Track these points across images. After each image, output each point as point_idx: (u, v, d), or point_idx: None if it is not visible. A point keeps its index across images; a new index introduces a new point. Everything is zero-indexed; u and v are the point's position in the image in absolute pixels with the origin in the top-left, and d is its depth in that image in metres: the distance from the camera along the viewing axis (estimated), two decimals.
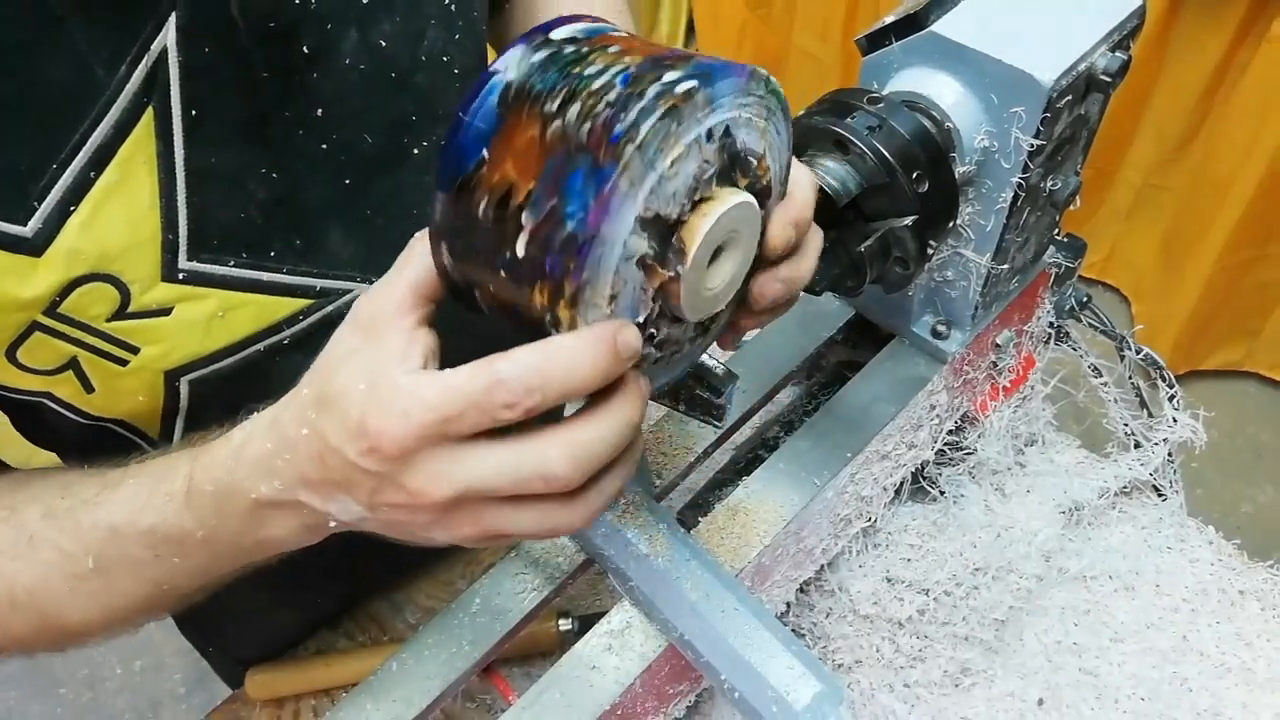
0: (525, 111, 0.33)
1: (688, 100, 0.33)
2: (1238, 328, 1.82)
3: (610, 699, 0.52)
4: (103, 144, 0.42)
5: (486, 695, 0.76)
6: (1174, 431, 0.75)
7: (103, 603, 0.46)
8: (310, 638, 0.84)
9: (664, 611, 0.52)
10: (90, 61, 0.41)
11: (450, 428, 0.34)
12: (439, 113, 0.55)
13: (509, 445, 0.34)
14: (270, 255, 0.51)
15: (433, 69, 0.54)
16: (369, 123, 0.52)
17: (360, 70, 0.50)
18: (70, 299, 0.44)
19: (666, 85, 0.33)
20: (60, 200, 0.42)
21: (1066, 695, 0.70)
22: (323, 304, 0.55)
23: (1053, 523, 0.73)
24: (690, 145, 0.34)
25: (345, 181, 0.53)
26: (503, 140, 0.34)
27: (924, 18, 0.51)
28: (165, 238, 0.46)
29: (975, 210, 0.55)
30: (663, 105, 0.32)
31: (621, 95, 0.32)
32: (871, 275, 0.52)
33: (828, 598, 0.70)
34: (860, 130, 0.48)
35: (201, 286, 0.49)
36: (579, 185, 0.32)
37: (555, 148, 0.33)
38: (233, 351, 0.52)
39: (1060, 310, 0.72)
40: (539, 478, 0.34)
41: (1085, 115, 0.55)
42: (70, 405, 0.50)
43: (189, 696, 1.71)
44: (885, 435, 0.62)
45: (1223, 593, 0.74)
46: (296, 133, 0.49)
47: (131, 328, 0.48)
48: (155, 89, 0.43)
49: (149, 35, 0.42)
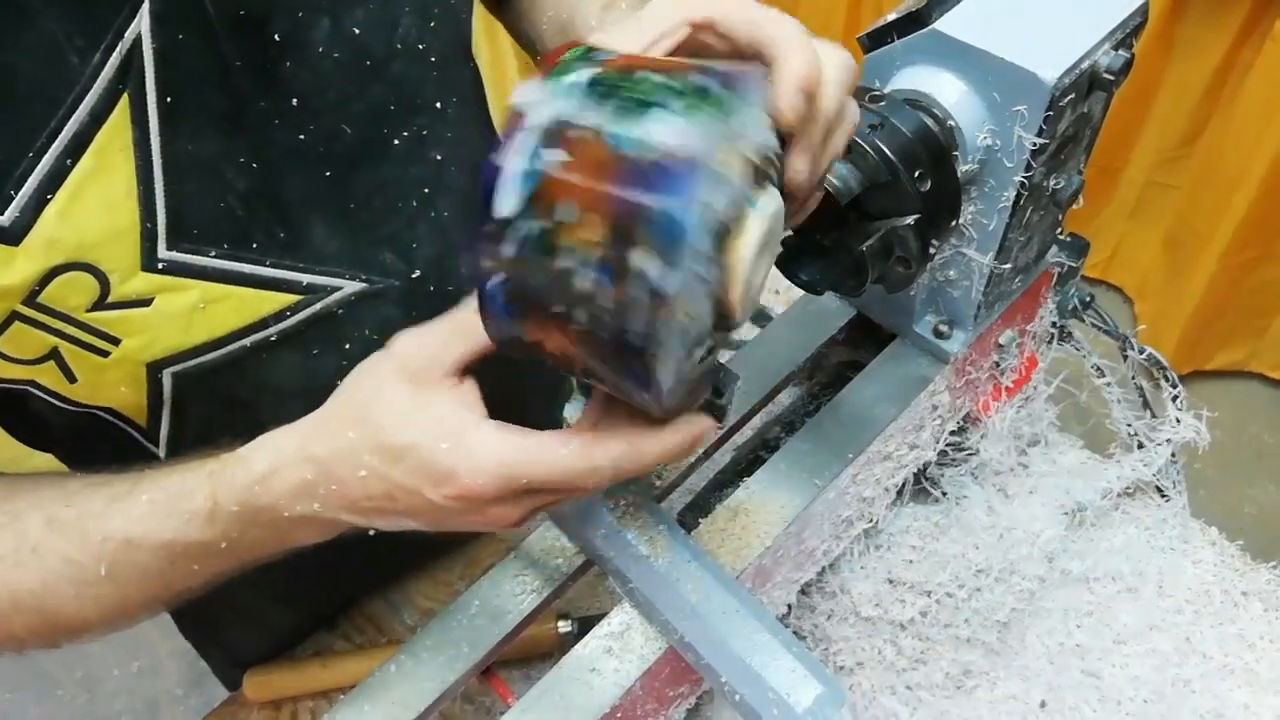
0: (538, 314, 0.34)
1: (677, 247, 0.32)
2: (1242, 328, 1.82)
3: (610, 701, 0.52)
4: (79, 131, 0.43)
5: (485, 697, 0.76)
6: (1177, 432, 0.75)
7: (107, 604, 0.47)
8: (308, 639, 0.84)
9: (664, 613, 0.51)
10: (64, 49, 0.41)
11: (537, 488, 0.39)
12: (417, 102, 0.55)
13: (571, 465, 0.38)
14: (252, 247, 0.51)
15: (409, 57, 0.54)
16: (346, 113, 0.52)
17: (334, 59, 0.50)
18: (50, 288, 0.45)
19: (647, 280, 0.32)
20: (37, 189, 0.42)
21: (1069, 697, 0.69)
22: (310, 300, 0.55)
23: (1055, 524, 0.73)
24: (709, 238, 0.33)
25: (326, 173, 0.53)
26: (535, 331, 0.35)
27: (926, 15, 0.51)
28: (144, 226, 0.46)
29: (978, 209, 0.55)
30: (659, 305, 0.32)
31: (614, 302, 0.33)
32: (873, 275, 0.52)
33: (829, 599, 0.70)
34: (862, 128, 0.48)
35: (182, 277, 0.49)
36: (633, 371, 0.35)
37: (591, 343, 0.34)
38: (216, 346, 0.52)
39: (1063, 310, 0.72)
40: (589, 488, 0.39)
41: (1088, 114, 0.54)
42: (54, 393, 0.50)
43: (186, 698, 1.71)
44: (887, 436, 0.61)
45: (1226, 594, 0.74)
46: (273, 122, 0.49)
47: (112, 318, 0.48)
48: (130, 76, 0.43)
49: (123, 22, 0.42)
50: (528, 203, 0.32)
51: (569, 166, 0.32)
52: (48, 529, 0.45)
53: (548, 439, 0.38)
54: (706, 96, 0.33)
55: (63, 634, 0.49)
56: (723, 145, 0.32)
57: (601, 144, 0.32)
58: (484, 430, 0.38)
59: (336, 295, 0.55)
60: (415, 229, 0.58)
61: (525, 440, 0.38)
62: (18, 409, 0.54)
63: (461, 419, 0.38)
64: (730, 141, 0.33)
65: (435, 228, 0.59)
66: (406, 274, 0.58)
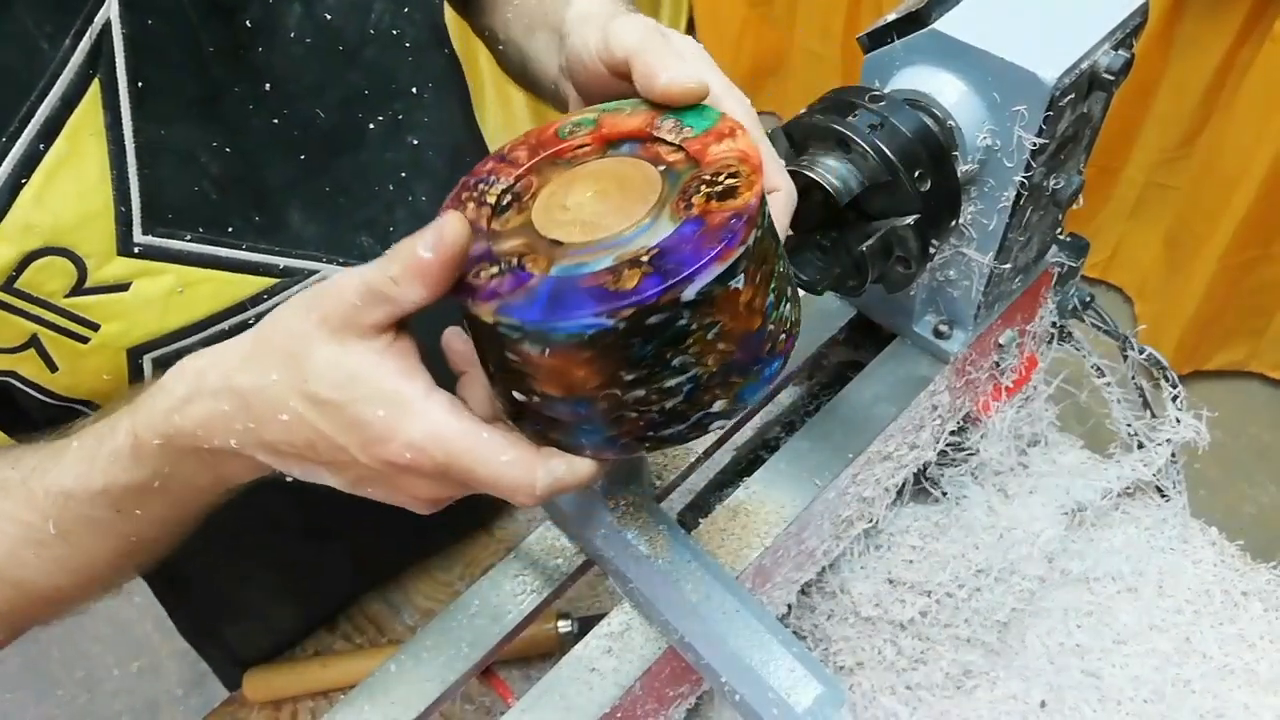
0: (597, 362, 0.34)
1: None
2: (1242, 328, 1.82)
3: (610, 701, 0.52)
4: (50, 116, 0.43)
5: (485, 697, 0.76)
6: (1177, 432, 0.75)
7: (72, 565, 0.46)
8: (308, 639, 0.84)
9: (664, 613, 0.51)
10: (35, 36, 0.42)
11: (468, 481, 0.37)
12: (392, 87, 0.56)
13: (509, 474, 0.36)
14: (229, 231, 0.51)
15: (382, 42, 0.54)
16: (321, 98, 0.52)
17: (307, 44, 0.50)
18: (26, 274, 0.45)
19: (711, 414, 0.36)
20: (11, 173, 0.43)
21: (1069, 697, 0.69)
22: (288, 284, 0.55)
23: (1055, 524, 0.73)
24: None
25: (301, 157, 0.53)
26: (566, 361, 0.35)
27: (926, 15, 0.51)
28: (118, 210, 0.47)
29: (978, 209, 0.55)
30: (697, 433, 0.37)
31: (672, 412, 0.36)
32: (873, 275, 0.52)
33: (829, 599, 0.70)
34: (862, 129, 0.48)
35: (158, 261, 0.49)
36: (609, 442, 0.37)
37: (603, 408, 0.35)
38: (195, 330, 0.52)
39: (1063, 310, 0.72)
40: (519, 500, 0.37)
41: (1088, 114, 0.54)
42: (36, 384, 0.51)
43: (186, 699, 1.71)
44: (887, 436, 0.61)
45: (1226, 594, 0.74)
46: (247, 108, 0.50)
47: (90, 304, 0.48)
48: (101, 61, 0.44)
49: (92, 8, 0.43)
50: (700, 296, 0.33)
51: (740, 298, 0.34)
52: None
53: (493, 440, 0.36)
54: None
55: (41, 606, 0.48)
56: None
57: (762, 302, 0.35)
58: (433, 404, 0.36)
59: (314, 278, 0.56)
60: (393, 213, 0.58)
61: (472, 430, 0.36)
62: (1, 404, 0.54)
63: (401, 386, 0.36)
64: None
65: (412, 211, 0.59)
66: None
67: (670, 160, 0.38)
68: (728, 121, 0.38)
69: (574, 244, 0.35)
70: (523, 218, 0.37)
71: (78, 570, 0.46)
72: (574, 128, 0.40)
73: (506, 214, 0.38)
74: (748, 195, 0.34)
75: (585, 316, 0.31)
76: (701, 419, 0.36)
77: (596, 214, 0.36)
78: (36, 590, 0.47)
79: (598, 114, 0.41)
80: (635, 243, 0.34)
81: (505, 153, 0.40)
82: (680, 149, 0.38)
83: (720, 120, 0.38)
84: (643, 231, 0.34)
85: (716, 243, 0.32)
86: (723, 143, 0.37)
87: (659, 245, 0.33)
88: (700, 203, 0.34)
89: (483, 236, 0.37)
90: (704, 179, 0.35)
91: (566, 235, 0.35)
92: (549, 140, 0.40)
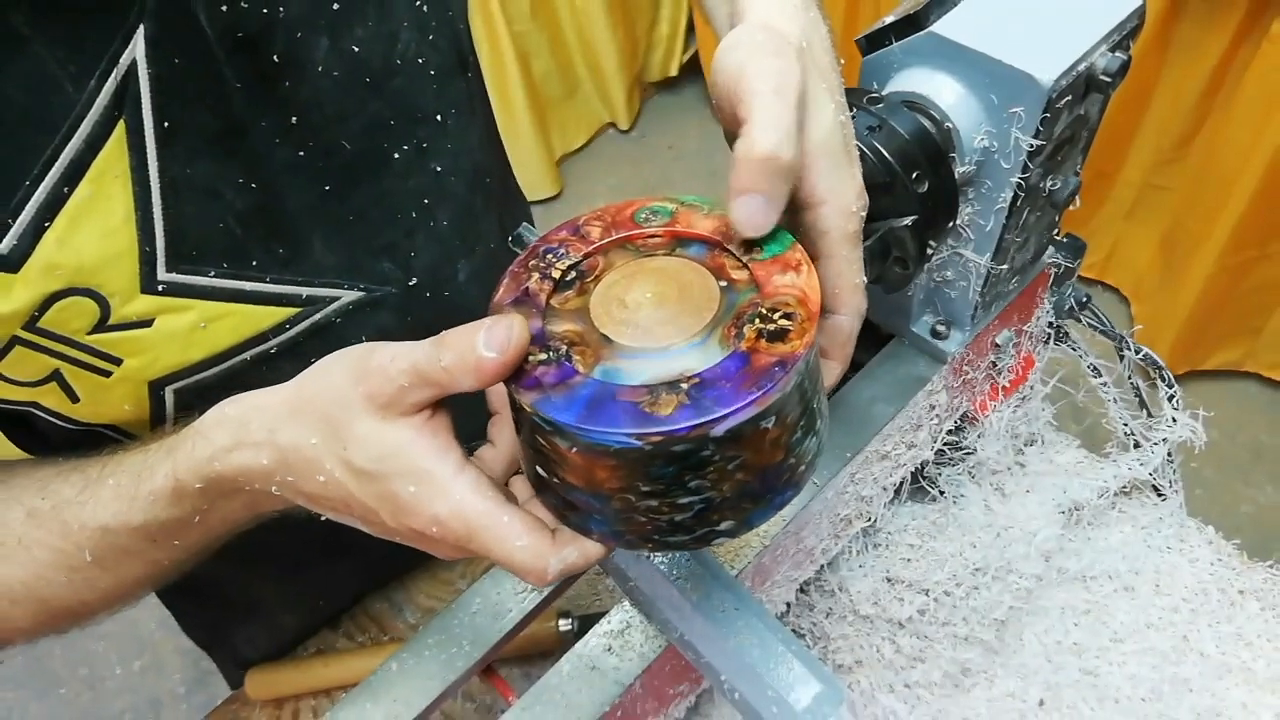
0: (620, 471, 0.35)
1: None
2: (1238, 328, 1.82)
3: (610, 699, 0.52)
4: (75, 159, 0.42)
5: (486, 696, 0.76)
6: (1173, 431, 0.75)
7: (102, 587, 0.47)
8: (311, 637, 0.84)
9: (664, 611, 0.52)
10: (59, 77, 0.41)
11: (486, 555, 0.39)
12: (417, 115, 0.55)
13: (523, 559, 0.38)
14: (252, 265, 0.51)
15: (408, 71, 0.53)
16: (346, 128, 0.52)
17: (334, 76, 0.50)
18: (50, 313, 0.44)
19: (718, 532, 0.37)
20: (35, 216, 0.42)
21: (1066, 695, 0.70)
22: (309, 312, 0.55)
23: (1052, 523, 0.73)
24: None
25: (325, 188, 0.52)
26: (591, 464, 0.36)
27: (923, 18, 0.51)
28: (142, 250, 0.46)
29: (975, 210, 0.55)
30: (698, 546, 0.38)
31: (681, 528, 0.37)
32: (871, 275, 0.52)
33: (828, 598, 0.70)
34: (860, 130, 0.48)
35: (182, 298, 0.49)
36: (615, 535, 0.39)
37: (614, 510, 0.37)
38: (217, 361, 0.52)
39: (1060, 310, 0.72)
40: (530, 580, 0.39)
41: (1085, 115, 0.55)
42: (58, 414, 0.51)
43: (189, 696, 1.71)
44: (885, 435, 0.62)
45: (1222, 593, 0.74)
46: (272, 141, 0.49)
47: (113, 340, 0.48)
48: (126, 102, 0.43)
49: (117, 49, 0.42)
50: (728, 433, 0.33)
51: (768, 436, 0.34)
52: (29, 521, 0.45)
53: (513, 524, 0.37)
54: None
55: (65, 620, 0.49)
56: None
57: (789, 439, 0.36)
58: (460, 483, 0.37)
59: (335, 305, 0.55)
60: (414, 238, 0.58)
61: (494, 512, 0.37)
62: (19, 425, 0.54)
63: (433, 465, 0.37)
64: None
65: (433, 236, 0.59)
66: (404, 281, 0.58)
67: (734, 277, 0.38)
68: (797, 252, 0.38)
69: (623, 346, 0.35)
70: (581, 300, 0.38)
71: (107, 591, 0.47)
72: (650, 215, 0.40)
73: (567, 292, 0.38)
74: (797, 345, 0.34)
75: (617, 433, 0.32)
76: (707, 534, 0.37)
77: (651, 320, 0.36)
78: (63, 606, 0.48)
79: (676, 206, 0.41)
80: (680, 362, 0.34)
81: (580, 224, 0.41)
82: (746, 268, 0.38)
83: (790, 249, 0.38)
84: (691, 348, 0.35)
85: (756, 388, 0.32)
86: (786, 274, 0.37)
87: (700, 375, 0.33)
88: (750, 337, 0.34)
89: (538, 315, 0.37)
90: (761, 311, 0.35)
91: (618, 334, 0.36)
92: (624, 222, 0.40)
